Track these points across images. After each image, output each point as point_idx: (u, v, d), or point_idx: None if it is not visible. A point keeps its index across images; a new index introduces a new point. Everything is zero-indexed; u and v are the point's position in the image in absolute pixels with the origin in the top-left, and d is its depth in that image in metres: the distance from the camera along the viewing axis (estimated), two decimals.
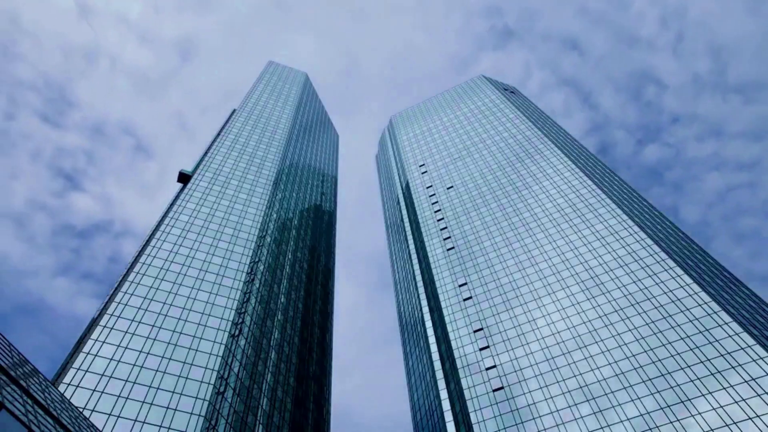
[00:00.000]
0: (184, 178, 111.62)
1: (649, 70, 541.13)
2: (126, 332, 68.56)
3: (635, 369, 70.02)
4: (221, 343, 72.66)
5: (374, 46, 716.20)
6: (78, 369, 61.17)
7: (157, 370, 65.08)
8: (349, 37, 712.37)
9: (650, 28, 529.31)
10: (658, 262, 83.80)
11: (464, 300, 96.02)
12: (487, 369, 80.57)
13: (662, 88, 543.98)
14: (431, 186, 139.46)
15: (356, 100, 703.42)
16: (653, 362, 69.58)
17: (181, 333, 71.93)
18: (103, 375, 61.57)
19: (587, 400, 69.35)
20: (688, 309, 74.15)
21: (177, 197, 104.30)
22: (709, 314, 71.94)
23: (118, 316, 70.43)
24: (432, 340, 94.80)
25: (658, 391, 65.91)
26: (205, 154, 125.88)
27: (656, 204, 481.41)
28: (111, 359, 64.00)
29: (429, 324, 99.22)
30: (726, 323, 69.64)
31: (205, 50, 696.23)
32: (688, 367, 66.94)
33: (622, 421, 64.83)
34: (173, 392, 63.10)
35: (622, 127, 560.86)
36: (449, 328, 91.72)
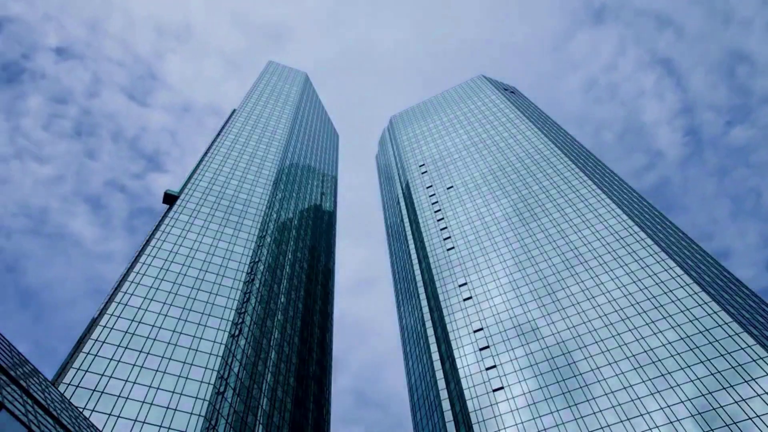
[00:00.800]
0: (169, 199, 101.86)
1: (743, 50, 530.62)
2: (126, 332, 68.56)
3: (635, 369, 70.02)
4: (221, 343, 72.66)
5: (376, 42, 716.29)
6: (78, 369, 61.18)
7: (157, 370, 65.08)
8: (352, 34, 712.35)
9: (747, 8, 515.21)
10: (658, 262, 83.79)
11: (464, 300, 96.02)
12: (487, 369, 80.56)
13: (754, 69, 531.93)
14: (431, 186, 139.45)
15: (356, 99, 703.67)
16: (653, 362, 69.57)
17: (181, 333, 71.93)
18: (103, 375, 61.57)
19: (587, 401, 69.35)
20: (688, 309, 74.15)
21: (177, 197, 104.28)
22: (709, 314, 71.94)
23: (118, 316, 70.42)
24: (432, 340, 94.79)
25: (659, 391, 65.91)
26: (205, 153, 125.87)
27: (740, 186, 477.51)
28: (111, 359, 64.00)
29: (429, 324, 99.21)
30: (726, 323, 69.64)
31: (294, 36, 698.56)
32: (688, 367, 66.94)
33: (622, 421, 64.83)
34: (173, 392, 63.10)
35: (712, 108, 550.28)
36: (449, 328, 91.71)
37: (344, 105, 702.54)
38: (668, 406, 63.78)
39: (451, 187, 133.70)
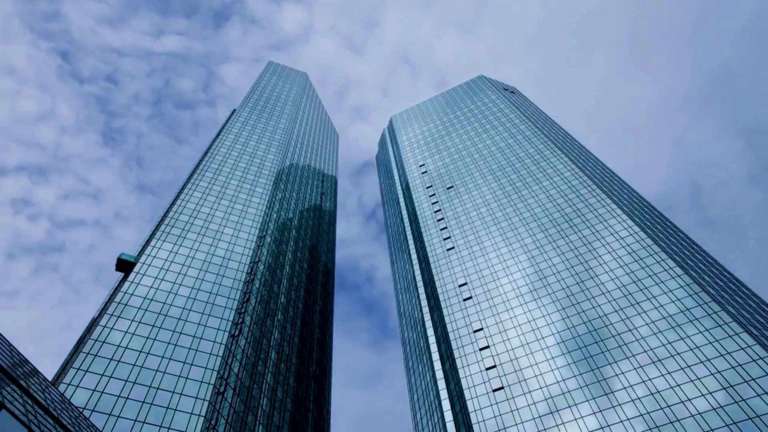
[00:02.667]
0: (123, 265, 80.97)
1: None
2: (126, 332, 68.57)
3: (635, 369, 70.02)
4: (221, 343, 72.67)
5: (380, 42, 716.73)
6: (78, 369, 61.18)
7: (157, 370, 65.09)
8: (353, 36, 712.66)
9: None
10: (658, 263, 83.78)
11: (464, 300, 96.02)
12: (487, 369, 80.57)
13: None
14: (431, 186, 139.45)
15: (356, 99, 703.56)
16: (653, 362, 69.58)
17: (181, 333, 71.94)
18: (103, 375, 61.58)
19: (587, 400, 69.36)
20: (688, 309, 74.14)
21: (177, 197, 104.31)
22: (709, 314, 71.93)
23: (118, 316, 70.44)
24: (432, 340, 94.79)
25: (659, 391, 65.92)
26: (205, 153, 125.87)
27: None
28: (111, 359, 64.01)
29: (429, 324, 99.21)
30: (726, 323, 69.63)
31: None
32: (688, 367, 66.94)
33: (621, 421, 64.84)
34: (173, 392, 63.10)
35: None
36: (449, 328, 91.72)
37: (344, 105, 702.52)
38: (668, 406, 63.79)
39: (451, 187, 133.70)
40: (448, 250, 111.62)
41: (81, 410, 55.33)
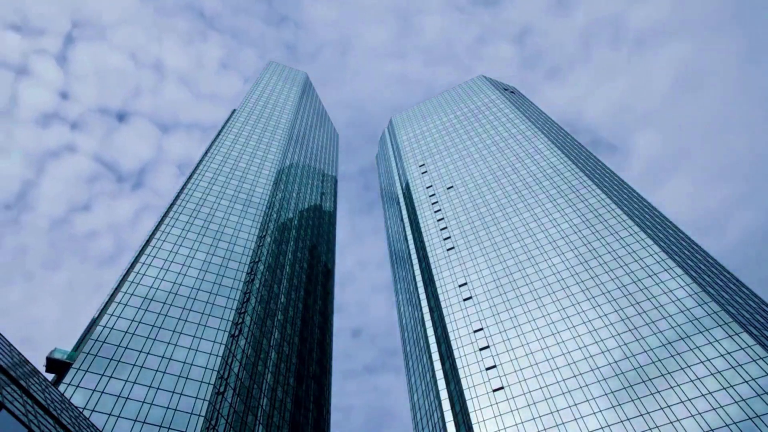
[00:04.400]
0: (54, 366, 62.63)
1: None
2: (126, 332, 68.58)
3: (635, 369, 70.03)
4: (221, 343, 72.68)
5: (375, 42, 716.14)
6: (78, 369, 61.17)
7: (157, 370, 65.09)
8: (352, 35, 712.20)
9: None
10: (658, 262, 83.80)
11: (464, 300, 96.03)
12: (487, 369, 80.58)
13: None
14: (431, 186, 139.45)
15: (356, 99, 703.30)
16: (653, 362, 69.58)
17: (181, 333, 71.95)
18: (103, 375, 61.58)
19: (587, 400, 69.36)
20: (688, 309, 74.15)
21: (177, 197, 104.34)
22: (709, 314, 71.94)
23: (119, 316, 70.45)
24: (432, 340, 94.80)
25: (659, 391, 65.92)
26: (205, 154, 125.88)
27: None
28: (111, 359, 64.01)
29: (429, 324, 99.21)
30: (726, 323, 69.64)
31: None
32: (688, 367, 66.94)
33: (622, 421, 64.85)
34: (173, 392, 63.11)
35: None
36: (449, 328, 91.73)
37: (344, 105, 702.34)
38: (668, 406, 63.79)
39: (451, 187, 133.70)
40: (448, 250, 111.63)
41: (81, 410, 55.33)
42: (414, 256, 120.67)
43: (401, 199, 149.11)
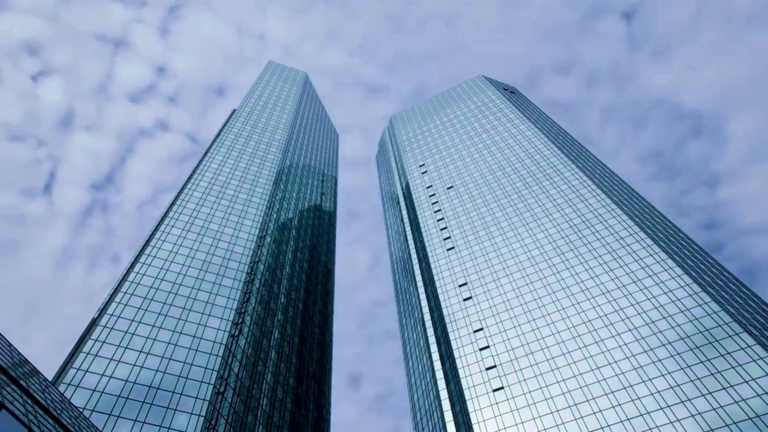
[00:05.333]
0: None
1: None
2: (126, 332, 68.58)
3: (635, 369, 70.03)
4: (221, 343, 72.68)
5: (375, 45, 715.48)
6: (78, 369, 61.18)
7: (157, 370, 65.09)
8: (349, 34, 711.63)
9: None
10: (658, 262, 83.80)
11: (464, 300, 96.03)
12: (487, 369, 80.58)
13: None
14: (431, 186, 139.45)
15: (356, 99, 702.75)
16: (653, 362, 69.58)
17: (181, 333, 71.94)
18: (103, 375, 61.58)
19: (587, 400, 69.36)
20: (688, 309, 74.16)
21: (177, 197, 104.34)
22: (709, 314, 71.95)
23: (118, 316, 70.44)
24: (432, 340, 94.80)
25: (658, 391, 65.92)
26: (206, 153, 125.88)
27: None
28: (111, 359, 64.01)
29: (429, 324, 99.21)
30: (726, 323, 69.64)
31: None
32: (688, 367, 66.94)
33: (622, 421, 64.84)
34: (173, 392, 63.10)
35: None
36: (449, 327, 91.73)
37: (344, 105, 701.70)
38: (668, 406, 63.80)
39: (451, 187, 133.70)
40: (448, 250, 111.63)
41: (81, 410, 55.33)
42: (414, 256, 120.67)
43: (401, 199, 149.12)
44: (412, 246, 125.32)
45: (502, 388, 76.59)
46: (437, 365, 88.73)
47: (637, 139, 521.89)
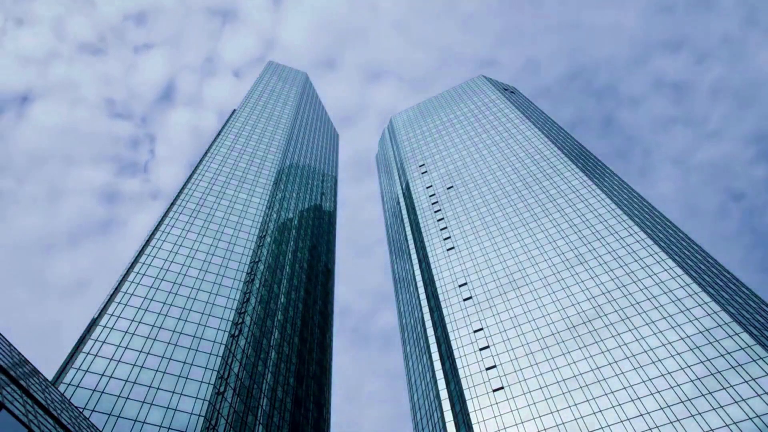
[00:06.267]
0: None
1: None
2: (126, 332, 68.57)
3: (635, 369, 70.03)
4: (221, 343, 72.67)
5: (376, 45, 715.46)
6: (78, 369, 61.17)
7: (157, 370, 65.09)
8: (353, 35, 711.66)
9: None
10: (658, 262, 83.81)
11: (464, 300, 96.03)
12: (487, 369, 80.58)
13: None
14: (431, 186, 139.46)
15: (356, 99, 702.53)
16: (653, 362, 69.58)
17: (181, 333, 71.94)
18: (103, 375, 61.57)
19: (587, 401, 69.36)
20: (688, 309, 74.15)
21: (177, 197, 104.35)
22: (709, 314, 71.95)
23: (118, 316, 70.43)
24: (432, 340, 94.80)
25: (658, 391, 65.92)
26: (206, 153, 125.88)
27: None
28: (111, 359, 64.00)
29: (429, 324, 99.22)
30: (726, 323, 69.64)
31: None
32: (688, 367, 66.95)
33: (622, 421, 64.83)
34: (173, 392, 63.10)
35: None
36: (449, 328, 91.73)
37: (344, 105, 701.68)
38: (668, 406, 63.80)
39: (451, 187, 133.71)
40: (448, 250, 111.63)
41: (81, 410, 55.33)
42: (414, 256, 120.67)
43: (401, 199, 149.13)
44: (412, 246, 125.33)
45: (502, 388, 76.58)
46: (437, 365, 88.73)
47: (743, 120, 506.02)
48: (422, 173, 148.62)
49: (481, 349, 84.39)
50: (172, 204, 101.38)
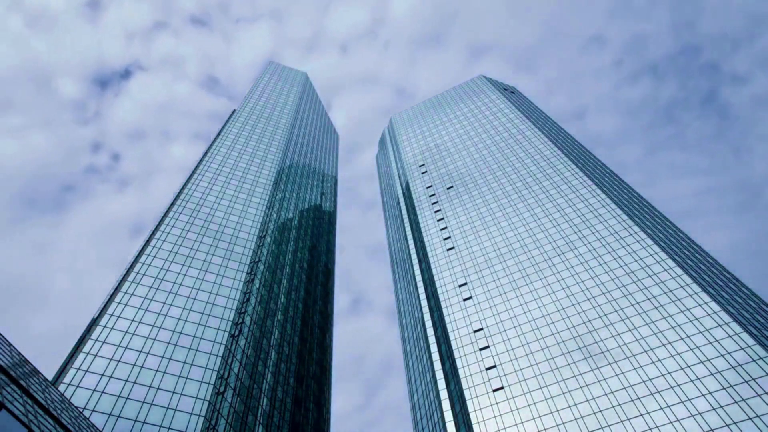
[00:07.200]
0: None
1: None
2: (126, 332, 68.56)
3: (635, 369, 70.03)
4: (221, 343, 72.67)
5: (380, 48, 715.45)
6: (78, 369, 61.17)
7: (157, 370, 65.08)
8: (353, 35, 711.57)
9: None
10: (658, 263, 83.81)
11: (464, 300, 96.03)
12: (487, 369, 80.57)
13: None
14: (431, 186, 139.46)
15: (356, 99, 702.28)
16: (653, 362, 69.59)
17: (181, 333, 71.93)
18: (103, 375, 61.57)
19: (587, 400, 69.35)
20: (688, 309, 74.16)
21: (177, 197, 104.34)
22: (709, 314, 71.95)
23: (118, 316, 70.43)
24: (432, 340, 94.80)
25: (658, 391, 65.92)
26: (206, 154, 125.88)
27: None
28: (111, 359, 64.00)
29: (429, 324, 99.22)
30: (726, 323, 69.65)
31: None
32: (688, 367, 66.94)
33: (622, 421, 64.83)
34: (173, 392, 63.10)
35: None
36: (449, 328, 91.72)
37: (344, 105, 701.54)
38: (668, 406, 63.80)
39: (451, 187, 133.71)
40: (448, 250, 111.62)
41: (81, 410, 55.33)
42: (414, 256, 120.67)
43: (401, 199, 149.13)
44: (412, 246, 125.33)
45: (502, 388, 76.58)
46: (437, 365, 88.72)
47: None
48: (422, 173, 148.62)
49: (481, 349, 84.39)
50: (172, 204, 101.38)
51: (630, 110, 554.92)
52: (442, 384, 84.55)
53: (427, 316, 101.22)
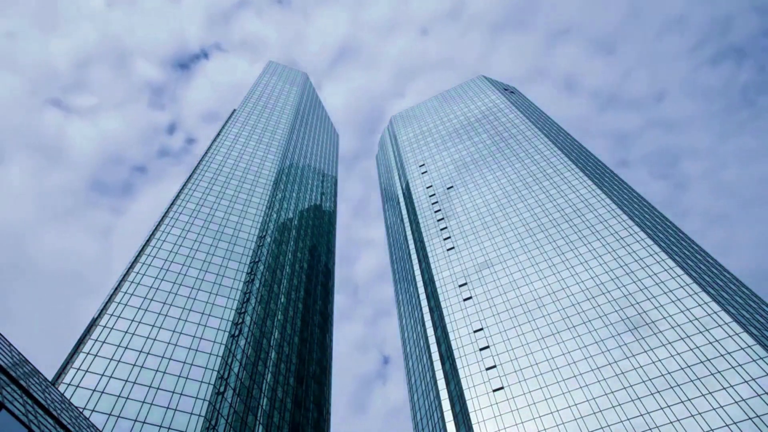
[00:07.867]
0: None
1: None
2: (126, 332, 68.56)
3: (635, 369, 70.04)
4: (221, 343, 72.66)
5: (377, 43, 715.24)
6: (78, 369, 61.17)
7: (157, 370, 65.08)
8: (351, 33, 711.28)
9: None
10: (658, 263, 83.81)
11: (464, 300, 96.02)
12: (487, 369, 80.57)
13: None
14: (431, 186, 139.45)
15: (356, 98, 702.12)
16: (653, 362, 69.59)
17: (181, 333, 71.93)
18: (103, 375, 61.57)
19: (587, 400, 69.36)
20: (688, 309, 74.16)
21: (177, 197, 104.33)
22: (709, 314, 71.95)
23: (118, 316, 70.43)
24: (432, 340, 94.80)
25: (658, 391, 65.93)
26: (206, 154, 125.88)
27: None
28: (111, 359, 64.00)
29: (429, 324, 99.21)
30: (726, 323, 69.65)
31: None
32: (688, 367, 66.95)
33: (622, 421, 64.84)
34: (173, 392, 63.10)
35: None
36: (449, 328, 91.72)
37: (344, 105, 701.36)
38: (668, 406, 63.80)
39: (451, 187, 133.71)
40: (448, 250, 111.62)
41: (81, 410, 55.33)
42: (414, 256, 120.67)
43: (401, 199, 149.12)
44: (412, 246, 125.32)
45: (502, 388, 76.58)
46: (437, 365, 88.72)
47: None
48: (422, 173, 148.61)
49: (481, 349, 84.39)
50: (172, 204, 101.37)
51: (706, 94, 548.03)
52: (442, 384, 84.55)
53: (427, 316, 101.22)
